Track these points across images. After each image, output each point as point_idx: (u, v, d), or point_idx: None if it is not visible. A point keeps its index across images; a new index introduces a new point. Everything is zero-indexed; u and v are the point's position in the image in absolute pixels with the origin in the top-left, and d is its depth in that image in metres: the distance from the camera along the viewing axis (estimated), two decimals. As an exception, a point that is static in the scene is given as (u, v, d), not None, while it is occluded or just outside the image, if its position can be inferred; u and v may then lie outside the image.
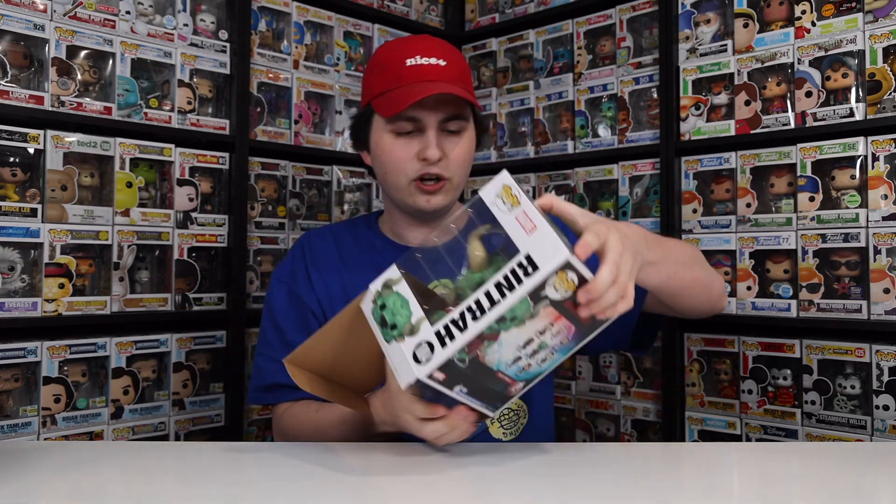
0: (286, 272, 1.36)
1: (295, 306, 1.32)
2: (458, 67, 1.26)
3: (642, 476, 0.98)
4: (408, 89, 1.20)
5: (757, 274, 1.89)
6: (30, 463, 1.00)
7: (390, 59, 1.25)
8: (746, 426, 1.88)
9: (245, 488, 0.93)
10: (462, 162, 1.27)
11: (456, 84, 1.22)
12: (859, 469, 1.03)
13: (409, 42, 1.28)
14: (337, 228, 1.41)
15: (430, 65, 1.22)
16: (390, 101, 1.21)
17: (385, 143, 1.26)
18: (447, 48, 1.28)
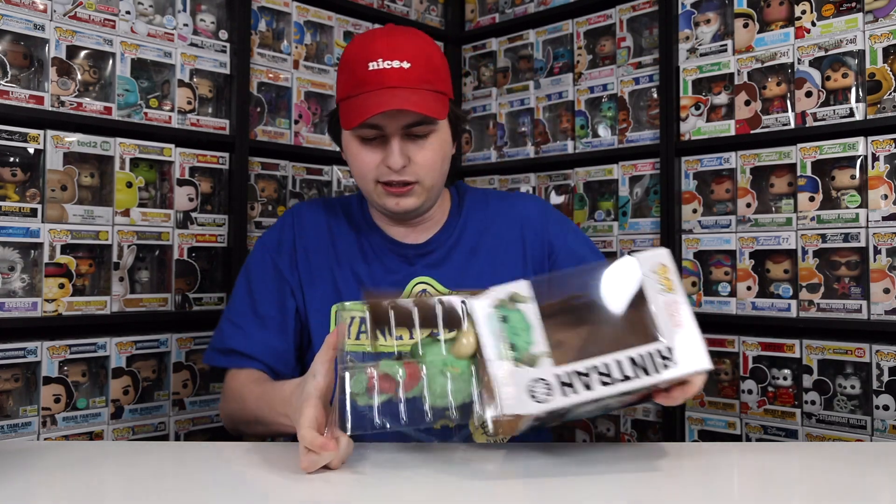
0: (273, 242, 1.33)
1: (274, 280, 1.30)
2: (424, 67, 1.20)
3: (642, 476, 0.98)
4: (366, 98, 1.16)
5: (757, 274, 1.89)
6: (30, 463, 1.00)
7: (354, 60, 1.20)
8: (746, 426, 1.88)
9: (245, 488, 0.93)
10: (431, 165, 1.23)
11: (422, 87, 1.18)
12: (859, 469, 1.03)
13: (375, 41, 1.21)
14: (330, 203, 1.38)
15: (392, 69, 1.17)
16: (350, 110, 1.19)
17: (351, 149, 1.24)
18: (415, 44, 1.21)
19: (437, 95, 1.20)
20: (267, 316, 1.29)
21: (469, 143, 2.55)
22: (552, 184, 2.31)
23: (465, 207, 1.36)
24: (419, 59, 1.19)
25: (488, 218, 1.35)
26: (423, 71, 1.19)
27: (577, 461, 1.02)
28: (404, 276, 1.29)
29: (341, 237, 1.33)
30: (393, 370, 0.92)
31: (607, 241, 2.16)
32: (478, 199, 1.39)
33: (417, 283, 1.28)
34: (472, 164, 2.52)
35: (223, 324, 1.32)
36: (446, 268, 1.30)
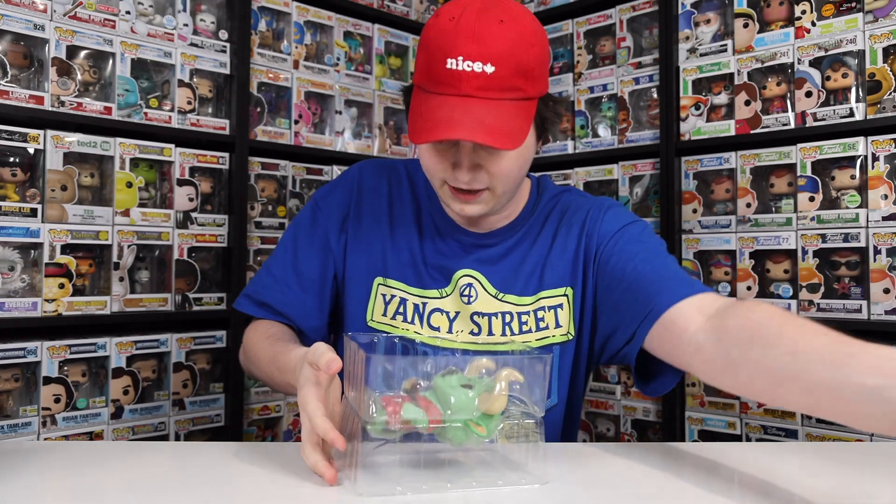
0: (326, 202, 1.25)
1: (320, 243, 1.23)
2: (512, 69, 1.03)
3: (642, 476, 0.98)
4: (437, 105, 1.03)
5: (757, 274, 1.89)
6: (30, 463, 1.00)
7: (434, 47, 1.04)
8: (746, 426, 1.88)
9: (245, 488, 0.93)
10: (506, 175, 1.09)
11: (505, 96, 1.03)
12: (859, 469, 1.03)
13: (460, 27, 1.03)
14: (395, 168, 1.27)
15: (473, 73, 1.01)
16: (418, 114, 1.06)
17: (420, 145, 1.11)
18: (507, 38, 1.03)
19: (521, 105, 1.05)
20: (307, 277, 1.22)
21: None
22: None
23: (539, 207, 1.25)
24: (508, 59, 1.02)
25: (553, 215, 1.24)
26: (509, 75, 1.03)
27: (577, 461, 1.02)
28: (454, 263, 1.20)
29: (399, 207, 1.24)
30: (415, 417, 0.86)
31: (607, 241, 2.16)
32: (552, 201, 1.26)
33: (463, 276, 1.19)
34: (472, 164, 2.52)
35: (262, 273, 1.26)
36: (500, 267, 1.20)
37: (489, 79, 1.02)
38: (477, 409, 0.87)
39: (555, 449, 1.07)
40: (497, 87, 1.03)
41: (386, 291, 1.20)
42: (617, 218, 1.20)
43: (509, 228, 1.22)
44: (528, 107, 1.06)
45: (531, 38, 1.05)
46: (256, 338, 1.20)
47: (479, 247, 1.21)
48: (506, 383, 0.88)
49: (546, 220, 1.23)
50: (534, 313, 1.18)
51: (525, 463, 0.92)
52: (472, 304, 1.18)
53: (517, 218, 1.23)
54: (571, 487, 0.90)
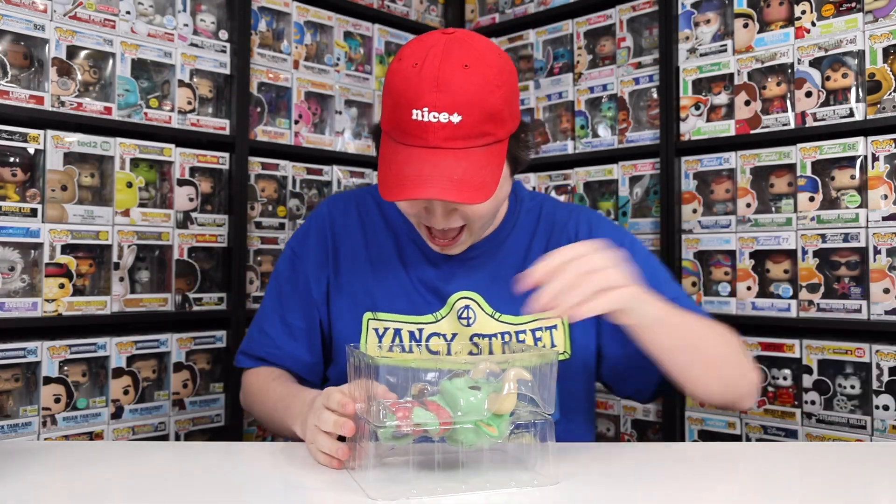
0: (301, 247, 1.27)
1: (302, 290, 1.24)
2: (480, 114, 1.00)
3: (642, 476, 0.98)
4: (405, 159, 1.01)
5: (757, 274, 1.89)
6: (30, 463, 1.00)
7: (399, 97, 1.02)
8: (746, 426, 1.88)
9: (245, 488, 0.93)
10: (481, 215, 1.09)
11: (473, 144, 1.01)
12: (859, 469, 1.03)
13: (423, 75, 1.00)
14: (362, 198, 1.28)
15: (439, 123, 0.99)
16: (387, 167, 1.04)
17: None
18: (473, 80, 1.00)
19: (490, 151, 1.03)
20: (296, 327, 1.26)
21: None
22: (552, 184, 2.31)
23: (520, 215, 1.25)
24: (474, 106, 1.00)
25: (537, 234, 1.24)
26: (476, 122, 1.01)
27: (577, 461, 1.02)
28: (448, 286, 1.19)
29: (375, 239, 1.24)
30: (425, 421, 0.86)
31: (607, 241, 2.16)
32: (534, 207, 1.27)
33: (460, 299, 1.19)
34: (472, 164, 2.52)
35: (253, 329, 1.31)
36: (496, 286, 1.19)
37: (456, 128, 0.99)
38: (487, 410, 0.87)
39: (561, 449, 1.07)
40: (464, 135, 1.00)
41: (378, 325, 1.20)
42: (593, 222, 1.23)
43: (492, 238, 1.22)
44: (498, 150, 1.04)
45: (496, 80, 1.03)
46: (262, 381, 1.24)
47: (466, 261, 1.21)
48: (514, 383, 0.88)
49: (535, 230, 1.24)
50: (531, 332, 1.19)
51: (536, 463, 0.92)
52: (471, 325, 1.18)
53: (499, 227, 1.23)
54: (584, 488, 0.90)
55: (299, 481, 0.94)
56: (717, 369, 1.10)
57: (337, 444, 0.93)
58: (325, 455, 0.95)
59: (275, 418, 1.17)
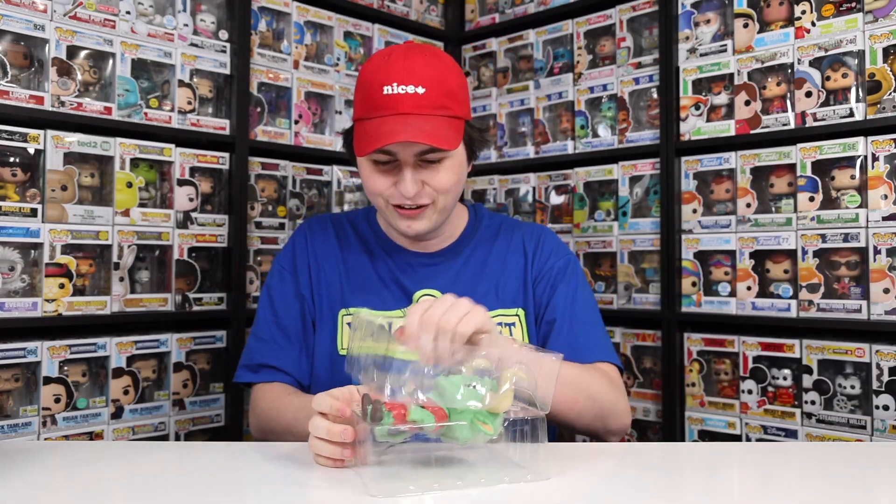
0: (288, 261, 1.38)
1: (294, 297, 1.34)
2: (439, 91, 1.20)
3: (642, 476, 0.98)
4: (379, 124, 1.18)
5: (757, 274, 1.89)
6: (30, 463, 1.00)
7: (370, 81, 1.21)
8: (746, 426, 1.88)
9: (245, 488, 0.93)
10: (446, 188, 1.24)
11: (436, 112, 1.19)
12: (859, 469, 1.03)
13: (391, 63, 1.21)
14: (338, 219, 1.42)
15: (406, 94, 1.17)
16: (363, 135, 1.20)
17: (364, 171, 1.26)
18: (432, 67, 1.21)
19: (451, 121, 1.21)
20: (291, 328, 1.33)
21: (469, 143, 2.55)
22: (552, 184, 2.31)
23: (479, 230, 1.40)
24: (435, 83, 1.19)
25: (497, 243, 1.39)
26: (437, 96, 1.19)
27: (577, 461, 1.02)
28: (412, 284, 1.33)
29: (348, 247, 1.37)
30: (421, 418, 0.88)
31: (607, 241, 2.16)
32: (492, 225, 1.41)
33: (424, 296, 1.31)
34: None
35: (250, 341, 1.36)
36: (457, 286, 1.31)
37: (421, 98, 1.18)
38: (483, 407, 0.88)
39: (555, 449, 1.07)
40: (429, 104, 1.19)
41: (350, 318, 1.30)
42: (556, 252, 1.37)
43: (453, 248, 1.37)
44: (457, 124, 1.22)
45: (451, 70, 1.24)
46: (277, 395, 1.28)
47: (429, 265, 1.34)
48: (511, 383, 0.89)
49: (493, 244, 1.38)
50: None
51: (528, 460, 0.92)
52: None
53: (459, 239, 1.38)
54: (576, 483, 0.91)
55: (300, 480, 0.94)
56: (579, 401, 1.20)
57: (333, 449, 0.95)
58: (326, 458, 0.96)
59: (297, 430, 1.18)
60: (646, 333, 2.09)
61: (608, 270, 2.18)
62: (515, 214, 2.40)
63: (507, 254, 1.37)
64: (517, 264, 1.36)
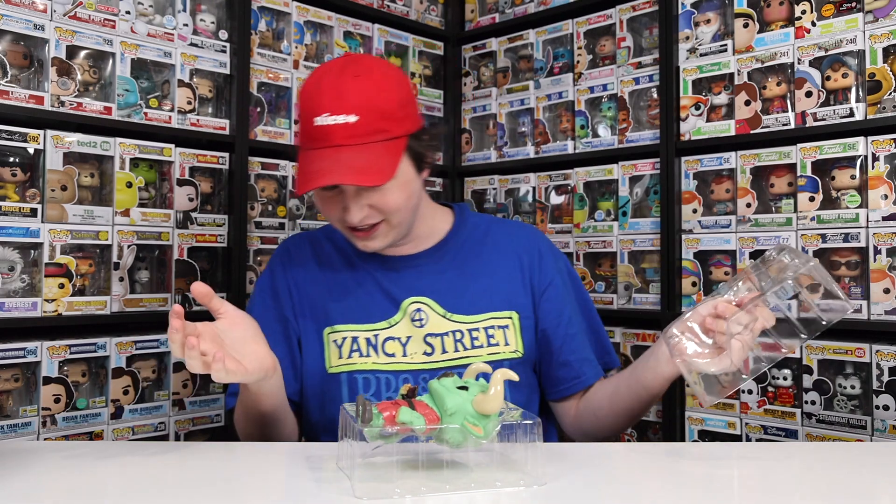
0: (267, 283, 1.36)
1: (277, 321, 1.31)
2: (373, 116, 1.15)
3: (642, 476, 0.98)
4: (313, 159, 1.15)
5: (757, 274, 1.88)
6: (30, 463, 1.00)
7: (303, 109, 1.18)
8: (746, 426, 1.88)
9: (245, 488, 0.93)
10: (394, 207, 1.20)
11: (371, 139, 1.14)
12: (859, 469, 1.03)
13: (321, 90, 1.16)
14: (314, 236, 1.40)
15: (338, 125, 1.13)
16: (300, 169, 1.18)
17: (315, 196, 1.25)
18: (364, 90, 1.15)
19: (388, 145, 1.16)
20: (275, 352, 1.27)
21: (469, 143, 2.55)
22: (552, 184, 2.31)
23: (465, 231, 1.37)
24: (367, 109, 1.15)
25: (486, 243, 1.36)
26: (371, 121, 1.15)
27: (577, 461, 1.02)
28: (400, 292, 1.30)
29: (328, 263, 1.35)
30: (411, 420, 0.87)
31: (607, 240, 2.16)
32: (480, 225, 1.39)
33: (412, 303, 1.28)
34: (472, 164, 2.52)
35: None
36: (446, 289, 1.29)
37: (353, 127, 1.14)
38: (473, 410, 0.88)
39: (553, 449, 1.07)
40: (361, 132, 1.14)
41: (336, 337, 1.28)
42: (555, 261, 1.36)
43: (437, 249, 1.34)
44: (395, 145, 1.17)
45: (386, 86, 1.18)
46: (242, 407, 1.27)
47: (412, 266, 1.31)
48: (501, 385, 0.89)
49: (483, 245, 1.35)
50: (484, 330, 1.28)
51: (523, 464, 0.92)
52: (423, 327, 1.27)
53: (443, 240, 1.34)
54: (570, 488, 0.90)
55: (298, 481, 0.94)
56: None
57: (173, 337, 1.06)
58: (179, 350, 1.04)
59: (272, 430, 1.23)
60: (646, 333, 2.09)
61: (608, 270, 2.18)
62: (515, 214, 2.40)
63: (499, 256, 1.34)
64: (512, 267, 1.33)
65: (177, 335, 1.04)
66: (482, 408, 0.88)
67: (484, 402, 0.88)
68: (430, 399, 0.90)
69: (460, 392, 0.89)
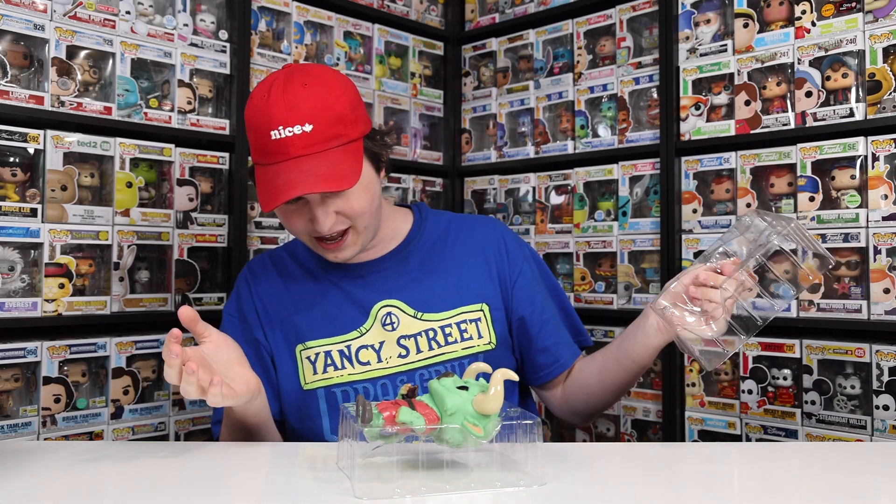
0: (234, 307, 1.35)
1: (245, 342, 1.29)
2: (328, 122, 1.14)
3: (642, 476, 0.98)
4: (275, 174, 1.14)
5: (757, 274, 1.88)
6: (30, 463, 1.00)
7: (255, 125, 1.16)
8: (746, 426, 1.88)
9: (245, 488, 0.93)
10: (360, 211, 1.20)
11: (329, 146, 1.14)
12: (859, 469, 1.03)
13: (271, 104, 1.14)
14: (276, 254, 1.39)
15: (295, 136, 1.12)
16: (262, 185, 1.16)
17: (279, 214, 1.23)
18: (313, 98, 1.14)
19: (347, 149, 1.16)
20: None
21: (469, 143, 2.55)
22: (552, 184, 2.31)
23: (426, 229, 1.36)
24: (321, 116, 1.14)
25: (449, 239, 1.35)
26: (327, 127, 1.14)
27: (577, 461, 1.02)
28: (367, 299, 1.29)
29: (292, 280, 1.34)
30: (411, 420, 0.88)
31: (607, 240, 2.16)
32: (440, 222, 1.38)
33: (381, 307, 1.28)
34: (472, 164, 2.52)
35: None
36: (414, 288, 1.29)
37: (310, 136, 1.13)
38: (473, 410, 0.88)
39: (553, 449, 1.07)
40: (319, 140, 1.14)
41: (309, 353, 1.28)
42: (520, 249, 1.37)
43: (400, 250, 1.33)
44: (354, 148, 1.18)
45: (336, 90, 1.17)
46: None
47: (378, 270, 1.31)
48: (501, 385, 0.89)
49: (445, 241, 1.35)
50: (457, 325, 1.28)
51: (524, 464, 0.92)
52: (395, 330, 1.27)
53: (404, 241, 1.34)
54: (570, 488, 0.90)
55: (298, 482, 0.94)
56: None
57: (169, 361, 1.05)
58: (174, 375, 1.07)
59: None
60: (646, 333, 2.09)
61: (608, 270, 2.18)
62: (516, 214, 2.41)
63: (463, 251, 1.34)
64: (477, 261, 1.33)
65: (176, 360, 1.04)
66: (482, 408, 0.88)
67: (484, 402, 0.88)
68: (431, 399, 0.90)
69: (460, 392, 0.89)
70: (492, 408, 0.88)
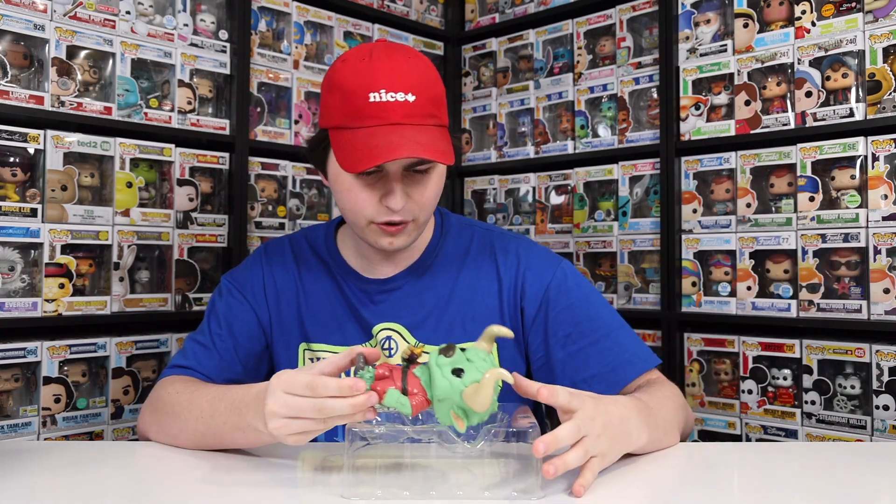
0: (241, 280, 1.29)
1: (243, 313, 1.26)
2: (429, 99, 1.09)
3: (642, 476, 0.98)
4: (369, 136, 1.06)
5: (757, 274, 1.89)
6: (30, 463, 1.00)
7: (352, 86, 1.09)
8: (746, 426, 1.88)
9: (245, 488, 0.93)
10: (429, 203, 1.15)
11: (428, 122, 1.09)
12: (859, 469, 1.03)
13: (374, 66, 1.08)
14: (296, 242, 1.32)
15: (397, 102, 1.06)
16: (351, 147, 1.07)
17: (344, 182, 1.13)
18: (418, 71, 1.10)
19: (441, 131, 1.12)
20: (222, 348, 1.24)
21: (469, 143, 2.55)
22: (552, 184, 2.31)
23: (445, 247, 1.27)
24: (424, 89, 1.09)
25: (468, 265, 1.25)
26: (427, 103, 1.09)
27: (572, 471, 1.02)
28: (371, 318, 1.23)
29: (308, 273, 1.28)
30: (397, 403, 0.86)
31: (607, 241, 2.16)
32: (462, 240, 1.28)
33: (382, 330, 1.23)
34: (472, 164, 2.52)
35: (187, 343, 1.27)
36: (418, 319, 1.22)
37: (412, 106, 1.07)
38: (461, 400, 0.85)
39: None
40: (420, 113, 1.08)
41: (312, 355, 1.25)
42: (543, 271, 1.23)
43: (412, 271, 1.24)
44: (445, 134, 1.14)
45: (436, 74, 1.14)
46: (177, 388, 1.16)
47: (384, 292, 1.24)
48: (491, 387, 0.84)
49: (463, 264, 1.25)
50: None
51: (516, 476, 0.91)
52: (392, 356, 1.22)
53: (420, 259, 1.25)
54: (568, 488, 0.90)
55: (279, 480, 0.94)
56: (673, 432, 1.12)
57: (355, 401, 0.86)
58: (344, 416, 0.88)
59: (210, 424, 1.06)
60: (646, 333, 2.09)
61: (608, 270, 2.18)
62: (516, 214, 2.40)
63: (478, 278, 1.24)
64: (490, 292, 1.23)
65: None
66: (471, 401, 0.84)
67: (473, 396, 0.84)
68: (425, 373, 0.88)
69: (452, 378, 0.85)
70: (479, 405, 0.84)
